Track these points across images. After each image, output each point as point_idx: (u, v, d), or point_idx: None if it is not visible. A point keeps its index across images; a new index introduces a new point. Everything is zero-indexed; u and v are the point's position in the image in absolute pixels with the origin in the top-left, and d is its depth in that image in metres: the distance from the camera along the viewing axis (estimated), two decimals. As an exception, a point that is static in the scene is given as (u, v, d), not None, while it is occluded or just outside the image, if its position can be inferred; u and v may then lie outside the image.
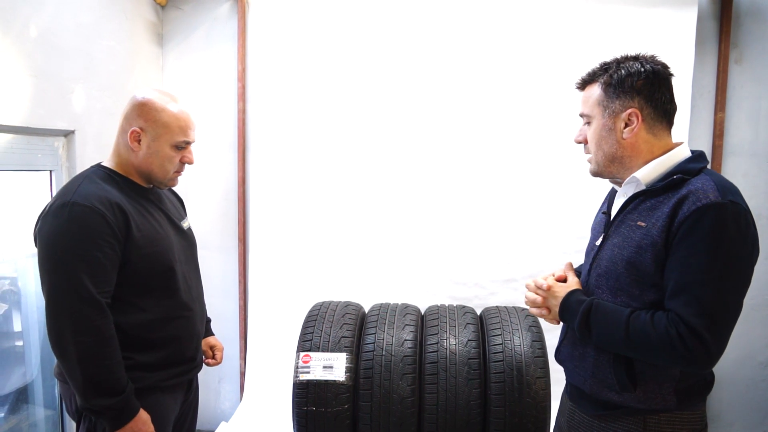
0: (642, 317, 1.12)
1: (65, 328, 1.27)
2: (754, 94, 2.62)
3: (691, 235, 1.07)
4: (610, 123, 1.22)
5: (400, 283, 2.74)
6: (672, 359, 1.09)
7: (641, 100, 1.19)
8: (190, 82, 2.88)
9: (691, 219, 1.07)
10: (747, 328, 2.70)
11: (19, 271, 2.24)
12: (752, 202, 2.61)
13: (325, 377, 1.98)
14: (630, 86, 1.20)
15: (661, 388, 1.16)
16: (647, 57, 1.24)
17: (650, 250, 1.13)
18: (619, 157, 1.23)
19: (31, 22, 1.93)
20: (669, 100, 1.21)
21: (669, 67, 1.24)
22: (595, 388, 1.23)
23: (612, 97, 1.22)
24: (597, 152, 1.27)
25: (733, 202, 1.08)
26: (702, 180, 1.12)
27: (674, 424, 1.17)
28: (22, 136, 1.98)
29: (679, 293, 1.08)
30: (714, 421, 2.76)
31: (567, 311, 1.23)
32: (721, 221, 1.06)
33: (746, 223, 1.09)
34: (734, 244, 1.07)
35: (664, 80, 1.21)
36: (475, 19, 2.67)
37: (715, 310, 1.06)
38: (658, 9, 2.55)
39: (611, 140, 1.22)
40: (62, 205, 1.32)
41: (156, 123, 1.42)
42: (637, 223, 1.17)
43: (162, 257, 1.44)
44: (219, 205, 2.92)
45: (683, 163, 1.18)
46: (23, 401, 2.23)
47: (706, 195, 1.08)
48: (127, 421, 1.32)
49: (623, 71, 1.21)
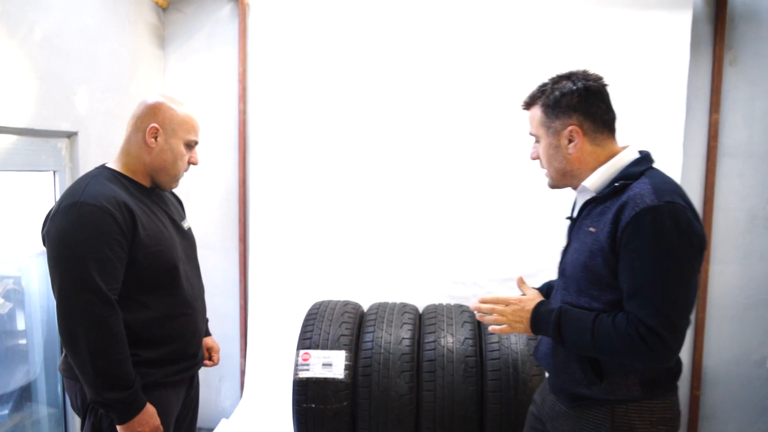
0: (605, 322, 1.18)
1: (77, 325, 1.31)
2: (749, 95, 2.64)
3: (634, 240, 1.14)
4: (555, 141, 1.29)
5: (398, 282, 2.76)
6: (636, 358, 1.16)
7: (579, 116, 1.26)
8: (192, 84, 2.91)
9: (632, 225, 1.14)
10: (742, 328, 2.73)
11: (23, 270, 2.27)
12: (747, 203, 2.66)
13: (325, 375, 2.01)
14: (566, 105, 1.26)
15: (627, 379, 1.22)
16: (579, 74, 1.29)
17: (600, 255, 1.20)
18: (569, 171, 1.30)
19: (36, 26, 1.96)
20: (606, 111, 1.27)
21: (602, 79, 1.29)
22: (566, 382, 1.31)
23: (552, 117, 1.29)
24: (549, 168, 1.35)
25: (668, 202, 1.14)
26: (640, 184, 1.18)
27: (642, 413, 1.23)
28: (26, 138, 2.00)
29: (634, 296, 1.15)
30: (709, 420, 2.78)
31: (540, 322, 1.28)
32: (659, 223, 1.12)
33: (685, 220, 1.14)
34: (675, 242, 1.13)
35: (598, 93, 1.27)
36: (473, 22, 2.69)
37: (668, 308, 1.12)
38: (653, 11, 2.58)
39: (559, 156, 1.30)
40: (71, 204, 1.35)
41: (172, 121, 1.48)
42: (589, 228, 1.25)
43: (166, 256, 1.47)
44: (220, 205, 2.95)
45: (626, 167, 1.24)
46: (27, 399, 2.26)
47: (642, 200, 1.14)
48: (135, 414, 1.36)
49: (557, 92, 1.27)
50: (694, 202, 2.85)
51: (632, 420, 1.22)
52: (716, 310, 2.73)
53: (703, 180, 2.69)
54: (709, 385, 2.77)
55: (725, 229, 2.70)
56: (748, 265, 2.70)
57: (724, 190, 2.69)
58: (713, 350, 2.75)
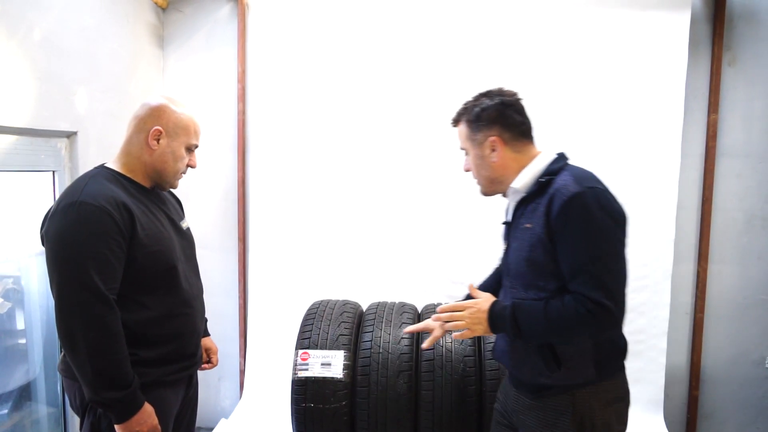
0: (555, 305, 1.29)
1: (75, 324, 1.31)
2: (747, 95, 2.64)
3: (567, 226, 1.27)
4: (480, 152, 1.44)
5: (397, 281, 2.77)
6: (589, 331, 1.28)
7: (498, 127, 1.41)
8: (191, 84, 2.91)
9: (562, 213, 1.27)
10: (740, 327, 2.73)
11: (23, 269, 2.27)
12: (745, 203, 2.67)
13: (324, 374, 2.01)
14: (486, 119, 1.41)
15: (581, 362, 1.33)
16: (495, 91, 1.44)
17: (539, 246, 1.32)
18: (496, 177, 1.45)
19: (35, 26, 1.97)
20: (521, 122, 1.42)
21: (516, 94, 1.45)
22: (528, 375, 1.40)
23: (475, 130, 1.43)
24: (479, 177, 1.49)
25: (590, 187, 1.28)
26: (563, 177, 1.33)
27: (598, 394, 1.35)
28: (25, 138, 2.01)
29: (576, 275, 1.27)
30: (707, 419, 2.79)
31: (497, 320, 1.36)
32: (585, 206, 1.26)
33: (606, 200, 1.29)
34: (601, 221, 1.26)
35: (513, 106, 1.42)
36: (473, 23, 2.70)
37: (607, 280, 1.25)
38: (652, 12, 2.58)
39: (485, 165, 1.44)
40: (70, 204, 1.35)
41: (177, 125, 1.50)
42: (525, 225, 1.37)
43: (165, 256, 1.47)
44: (219, 205, 2.95)
45: (548, 166, 1.39)
46: (26, 398, 2.26)
47: (567, 189, 1.28)
48: (133, 414, 1.36)
49: (478, 108, 1.43)
50: (693, 203, 2.87)
51: (591, 402, 1.34)
52: (715, 310, 2.74)
53: (701, 180, 2.70)
54: (708, 384, 2.77)
55: (723, 229, 2.70)
56: (747, 265, 2.71)
57: (722, 190, 2.69)
58: (712, 350, 2.75)
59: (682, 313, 2.76)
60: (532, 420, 1.40)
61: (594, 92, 2.65)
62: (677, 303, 2.72)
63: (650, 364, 2.66)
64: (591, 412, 1.34)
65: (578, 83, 2.65)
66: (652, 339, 2.66)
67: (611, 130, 2.65)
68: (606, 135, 2.65)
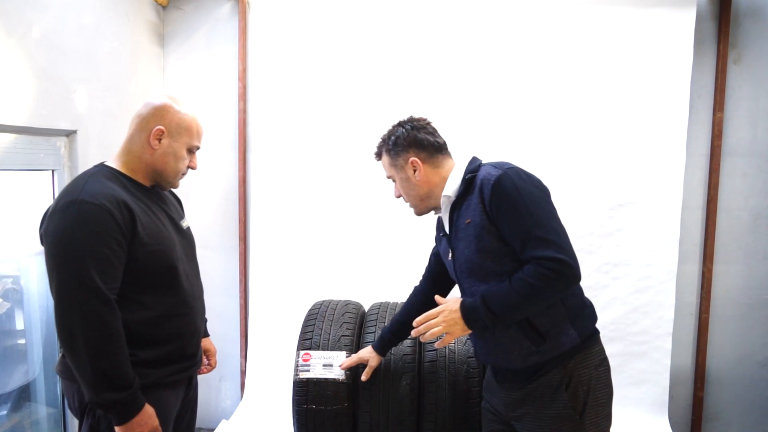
0: (517, 278, 1.37)
1: (75, 324, 1.29)
2: (753, 94, 2.63)
3: (501, 205, 1.38)
4: (404, 174, 1.57)
5: (400, 281, 2.74)
6: (557, 288, 1.36)
7: (414, 149, 1.55)
8: (192, 82, 2.89)
9: (494, 195, 1.39)
10: (745, 328, 2.71)
11: (22, 269, 2.26)
12: (751, 202, 2.65)
13: (325, 375, 1.99)
14: (401, 144, 1.56)
15: (562, 328, 1.42)
16: (405, 120, 1.61)
17: (485, 233, 1.41)
18: (424, 194, 1.57)
19: (34, 24, 1.95)
20: (434, 141, 1.56)
21: (425, 119, 1.60)
22: (519, 360, 1.45)
23: (395, 157, 1.57)
24: (409, 198, 1.61)
25: (509, 168, 1.42)
26: (484, 169, 1.46)
27: (585, 360, 1.44)
28: (25, 136, 2.00)
29: (526, 243, 1.36)
30: (712, 420, 2.77)
31: (470, 314, 1.42)
32: (511, 182, 1.38)
33: (526, 174, 1.43)
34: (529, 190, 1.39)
35: (423, 128, 1.57)
36: (475, 21, 2.68)
37: (553, 237, 1.35)
38: (657, 9, 2.56)
39: (412, 185, 1.57)
40: (70, 202, 1.33)
41: (179, 125, 1.49)
42: (465, 222, 1.46)
43: (165, 255, 1.46)
44: (220, 205, 2.94)
45: (467, 167, 1.52)
46: (26, 399, 2.25)
47: (491, 175, 1.41)
48: (134, 415, 1.34)
49: (393, 137, 1.58)
50: (698, 202, 2.85)
51: (580, 370, 1.42)
52: (720, 311, 2.72)
53: (706, 179, 2.68)
54: (713, 385, 2.75)
55: (729, 229, 2.68)
56: (752, 265, 2.69)
57: (727, 189, 2.67)
58: (717, 351, 2.73)
59: (686, 314, 2.74)
60: (530, 407, 1.45)
61: (599, 91, 2.63)
62: (682, 303, 2.71)
63: (655, 365, 2.64)
64: (583, 379, 1.42)
65: (583, 82, 2.64)
66: (656, 340, 2.64)
67: (616, 129, 2.63)
68: (611, 134, 2.63)
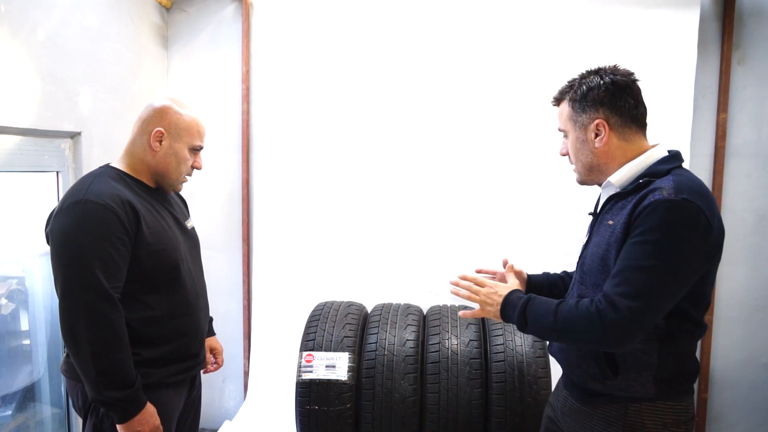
0: (569, 304, 1.20)
1: (79, 323, 1.30)
2: (757, 94, 2.61)
3: (641, 226, 1.14)
4: (582, 135, 1.31)
5: (402, 283, 2.75)
6: (590, 334, 1.15)
7: (605, 110, 1.27)
8: (195, 84, 2.90)
9: (644, 213, 1.14)
10: (750, 330, 2.70)
11: (27, 270, 2.27)
12: (755, 203, 2.63)
13: (328, 376, 2.00)
14: (593, 99, 1.28)
15: (641, 376, 1.21)
16: (607, 69, 1.30)
17: (615, 247, 1.20)
18: (597, 165, 1.31)
19: (38, 26, 1.96)
20: (634, 106, 1.28)
21: (632, 74, 1.31)
22: (581, 377, 1.30)
23: (579, 111, 1.30)
24: (577, 163, 1.36)
25: (685, 200, 1.12)
26: (664, 181, 1.18)
27: (656, 413, 1.21)
28: (29, 138, 2.00)
29: (615, 276, 1.15)
30: (717, 422, 2.76)
31: (508, 306, 1.30)
32: (670, 216, 1.11)
33: (697, 220, 1.12)
34: (678, 238, 1.11)
35: (626, 88, 1.28)
36: (477, 22, 2.68)
37: (641, 293, 1.11)
38: (661, 10, 2.55)
39: (586, 151, 1.31)
40: (75, 202, 1.34)
41: (178, 126, 1.49)
42: (608, 222, 1.25)
43: (169, 255, 1.47)
44: (223, 206, 2.94)
45: (654, 165, 1.25)
46: (30, 399, 2.26)
47: (661, 193, 1.14)
48: (135, 414, 1.35)
49: (585, 87, 1.29)
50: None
51: (645, 420, 1.21)
52: (724, 312, 2.70)
53: (710, 180, 2.67)
54: (717, 387, 2.74)
55: (733, 230, 2.67)
56: (757, 267, 2.67)
57: (732, 190, 2.66)
58: (721, 352, 2.72)
59: (690, 315, 2.72)
60: (578, 426, 1.31)
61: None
62: (686, 305, 2.69)
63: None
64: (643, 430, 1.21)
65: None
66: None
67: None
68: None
